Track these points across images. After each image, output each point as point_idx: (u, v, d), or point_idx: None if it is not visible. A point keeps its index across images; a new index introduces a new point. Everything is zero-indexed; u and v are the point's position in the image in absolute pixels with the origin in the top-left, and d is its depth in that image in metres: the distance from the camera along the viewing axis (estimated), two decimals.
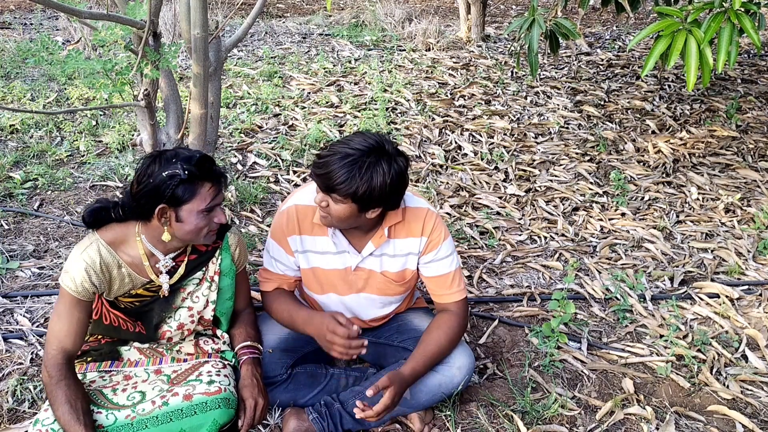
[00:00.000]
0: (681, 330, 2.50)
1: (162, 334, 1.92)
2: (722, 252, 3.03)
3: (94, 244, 1.74)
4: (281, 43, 5.93)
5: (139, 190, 1.70)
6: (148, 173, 1.69)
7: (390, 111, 4.40)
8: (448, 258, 1.98)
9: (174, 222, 1.72)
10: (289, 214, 1.95)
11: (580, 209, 3.41)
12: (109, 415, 1.70)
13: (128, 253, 1.79)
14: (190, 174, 1.67)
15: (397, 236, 1.95)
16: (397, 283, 2.01)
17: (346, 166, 1.70)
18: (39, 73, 4.76)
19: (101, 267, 1.73)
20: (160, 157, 1.71)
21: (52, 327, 1.73)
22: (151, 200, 1.68)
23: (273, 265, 2.01)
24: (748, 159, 3.93)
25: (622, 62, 5.56)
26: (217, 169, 1.75)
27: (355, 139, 1.75)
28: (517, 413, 2.05)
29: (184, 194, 1.68)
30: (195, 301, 1.91)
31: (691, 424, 2.08)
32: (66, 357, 1.70)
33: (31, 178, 3.37)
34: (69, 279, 1.71)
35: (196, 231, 1.74)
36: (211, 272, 1.91)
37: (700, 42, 2.53)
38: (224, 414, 1.72)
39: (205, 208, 1.72)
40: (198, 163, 1.69)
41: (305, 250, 1.97)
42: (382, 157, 1.73)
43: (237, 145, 3.83)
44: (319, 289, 2.04)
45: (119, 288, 1.80)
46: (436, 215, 1.96)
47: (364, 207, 1.77)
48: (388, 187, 1.74)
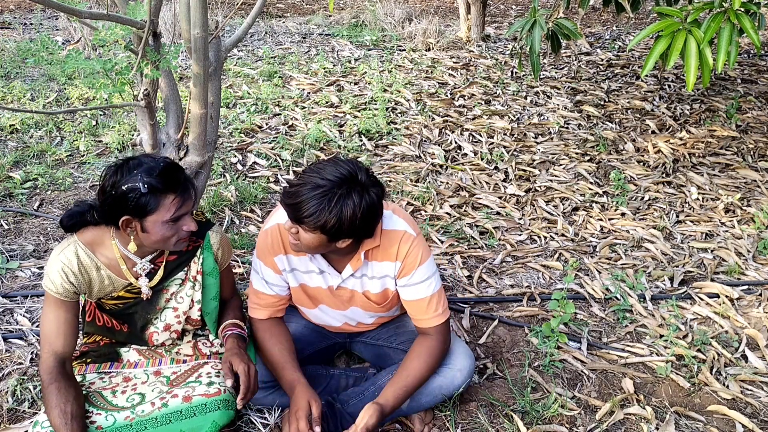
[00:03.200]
0: (681, 330, 2.50)
1: (149, 336, 1.91)
2: (722, 252, 3.03)
3: (72, 246, 1.74)
4: (281, 43, 5.93)
5: (104, 200, 1.68)
6: (111, 183, 1.66)
7: (390, 111, 4.40)
8: (425, 282, 1.91)
9: (140, 232, 1.70)
10: (273, 234, 1.92)
11: (580, 209, 3.41)
12: (109, 417, 1.69)
13: (105, 255, 1.78)
14: (150, 187, 1.64)
15: (375, 259, 1.90)
16: (379, 304, 1.99)
17: (316, 198, 1.65)
18: (39, 73, 4.76)
19: (79, 268, 1.73)
20: (122, 167, 1.67)
21: (41, 330, 1.73)
22: (115, 211, 1.66)
23: (267, 287, 1.97)
24: (748, 159, 3.93)
25: (622, 62, 5.56)
26: (182, 178, 1.71)
27: (327, 168, 1.69)
28: (517, 413, 2.05)
29: (147, 206, 1.65)
30: (180, 302, 1.90)
31: (691, 424, 2.08)
32: (57, 360, 1.70)
33: (31, 178, 3.37)
34: (48, 281, 1.71)
35: (163, 240, 1.72)
36: (194, 272, 1.90)
37: (699, 42, 2.53)
38: (224, 415, 1.71)
39: (170, 218, 1.68)
40: (160, 174, 1.65)
41: (292, 269, 1.96)
42: (354, 188, 1.67)
43: (237, 145, 3.83)
44: (310, 304, 2.04)
45: (100, 290, 1.80)
46: (413, 238, 1.88)
47: (333, 238, 1.73)
48: (358, 221, 1.68)
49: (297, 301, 2.05)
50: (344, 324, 2.11)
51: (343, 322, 2.10)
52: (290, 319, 2.11)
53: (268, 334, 1.97)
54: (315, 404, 1.80)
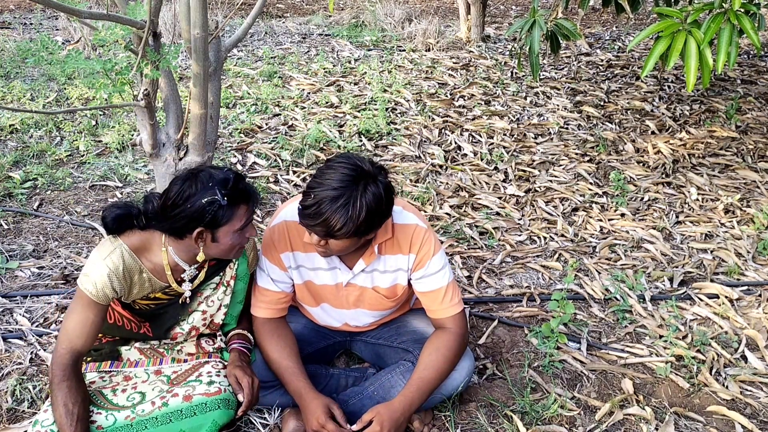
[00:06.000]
0: (680, 330, 2.50)
1: (174, 336, 1.93)
2: (722, 252, 3.03)
3: (118, 250, 1.72)
4: (281, 43, 5.93)
5: (175, 213, 1.67)
6: (185, 197, 1.66)
7: (390, 111, 4.40)
8: (440, 273, 1.93)
9: (209, 242, 1.72)
10: (280, 231, 1.93)
11: (579, 210, 3.41)
12: (109, 416, 1.70)
13: (151, 260, 1.78)
14: (229, 199, 1.67)
15: (387, 252, 1.92)
16: (389, 299, 2.00)
17: (340, 209, 1.65)
18: (39, 73, 4.76)
19: (124, 273, 1.72)
20: (195, 179, 1.68)
21: (65, 325, 1.72)
22: (189, 223, 1.67)
23: (272, 284, 1.97)
24: (747, 159, 3.93)
25: (622, 63, 5.56)
26: (251, 188, 1.75)
27: (331, 176, 1.69)
28: (516, 414, 2.05)
29: (222, 218, 1.68)
30: (210, 305, 1.92)
31: (691, 425, 2.08)
32: (73, 357, 1.70)
33: (31, 177, 3.37)
34: (89, 283, 1.69)
35: (230, 249, 1.75)
36: (228, 277, 1.92)
37: (699, 43, 2.54)
38: (224, 415, 1.72)
39: (240, 227, 1.72)
40: (234, 185, 1.69)
41: (298, 266, 1.96)
42: (366, 181, 1.69)
43: (237, 145, 3.83)
44: (312, 302, 2.04)
45: (139, 292, 1.80)
46: (424, 230, 1.91)
47: (363, 235, 1.75)
48: (383, 207, 1.73)
49: (300, 298, 2.05)
50: (343, 325, 2.11)
51: (342, 323, 2.10)
52: (290, 318, 2.11)
53: (274, 336, 1.96)
54: (335, 407, 1.83)
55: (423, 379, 1.86)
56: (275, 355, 1.93)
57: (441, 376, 1.89)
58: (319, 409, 1.80)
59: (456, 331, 1.94)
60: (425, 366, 1.88)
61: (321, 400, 1.83)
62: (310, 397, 1.84)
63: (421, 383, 1.86)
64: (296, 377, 1.89)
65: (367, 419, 1.80)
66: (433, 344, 1.92)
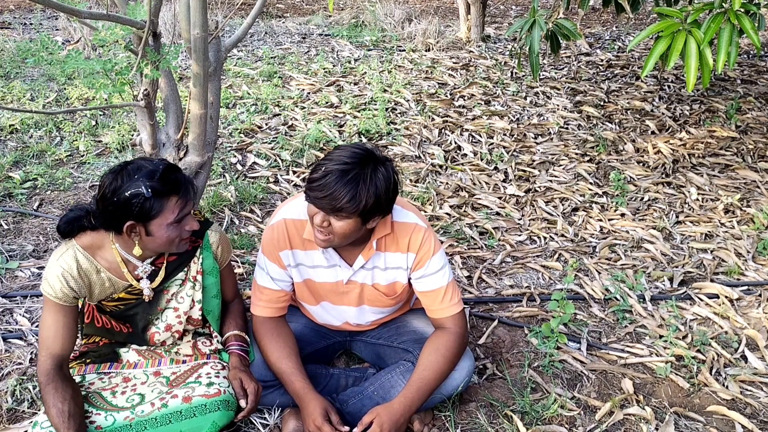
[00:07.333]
0: (680, 330, 2.50)
1: (150, 336, 1.91)
2: (722, 252, 3.03)
3: (71, 250, 1.74)
4: (281, 43, 5.93)
5: (105, 207, 1.67)
6: (112, 190, 1.65)
7: (390, 111, 4.40)
8: (440, 272, 1.93)
9: (144, 236, 1.71)
10: (279, 229, 1.92)
11: (579, 210, 3.41)
12: (108, 417, 1.70)
13: (105, 258, 1.78)
14: (154, 191, 1.64)
15: (387, 249, 1.92)
16: (389, 296, 2.00)
17: (349, 183, 1.66)
18: (39, 73, 4.76)
19: (79, 272, 1.73)
20: (122, 172, 1.67)
21: (40, 333, 1.74)
22: (118, 217, 1.66)
23: (272, 283, 1.97)
24: (747, 159, 3.93)
25: (622, 63, 5.56)
26: (182, 179, 1.72)
27: (341, 153, 1.71)
28: (516, 414, 2.05)
29: (151, 210, 1.66)
30: (180, 302, 1.90)
31: (691, 425, 2.08)
32: (55, 362, 1.70)
33: (31, 178, 3.37)
34: (47, 285, 1.71)
35: (168, 242, 1.73)
36: (194, 272, 1.90)
37: (699, 43, 2.54)
38: (223, 416, 1.72)
39: (174, 220, 1.69)
40: (162, 177, 1.66)
41: (297, 264, 1.96)
42: (376, 163, 1.71)
43: (237, 145, 3.83)
44: (312, 301, 2.04)
45: (101, 292, 1.80)
46: (424, 230, 1.91)
47: (366, 218, 1.75)
48: (391, 192, 1.73)
49: (300, 297, 2.05)
50: (344, 324, 2.11)
51: (343, 321, 2.10)
52: (290, 318, 2.11)
53: (273, 335, 1.96)
54: (332, 411, 1.83)
55: (423, 379, 1.86)
56: (275, 355, 1.93)
57: (441, 376, 1.89)
58: (316, 411, 1.80)
59: (456, 331, 1.94)
60: (425, 366, 1.88)
61: (319, 401, 1.83)
62: (308, 398, 1.84)
63: (421, 384, 1.86)
64: (296, 377, 1.89)
65: (367, 421, 1.80)
66: (433, 344, 1.92)
